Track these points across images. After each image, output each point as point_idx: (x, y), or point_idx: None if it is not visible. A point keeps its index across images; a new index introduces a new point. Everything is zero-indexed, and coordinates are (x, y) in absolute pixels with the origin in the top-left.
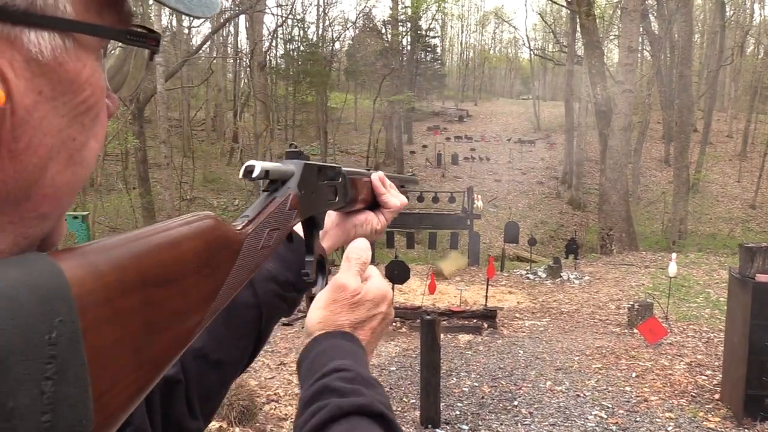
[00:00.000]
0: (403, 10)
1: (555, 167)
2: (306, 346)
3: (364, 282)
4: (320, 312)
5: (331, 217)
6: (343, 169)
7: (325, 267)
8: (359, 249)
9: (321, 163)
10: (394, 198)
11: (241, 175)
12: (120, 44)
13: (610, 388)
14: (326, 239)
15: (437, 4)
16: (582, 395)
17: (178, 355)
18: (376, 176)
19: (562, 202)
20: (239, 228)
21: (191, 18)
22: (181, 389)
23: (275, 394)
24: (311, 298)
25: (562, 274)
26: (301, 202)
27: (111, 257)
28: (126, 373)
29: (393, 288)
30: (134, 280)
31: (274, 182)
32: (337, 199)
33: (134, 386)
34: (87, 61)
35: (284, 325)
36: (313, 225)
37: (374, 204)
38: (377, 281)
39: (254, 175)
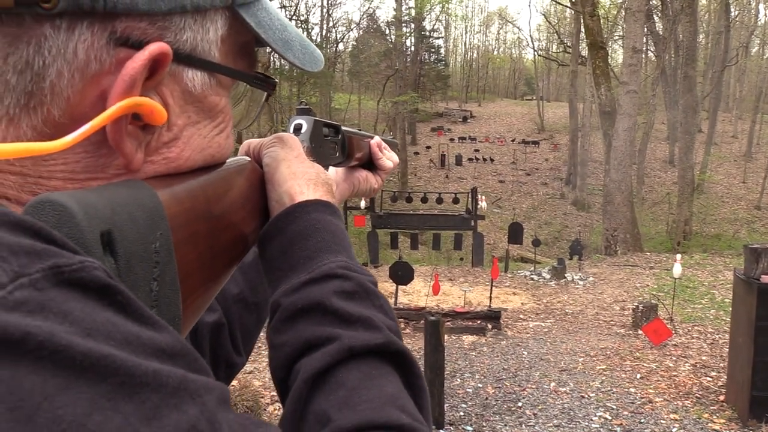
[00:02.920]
0: (407, 11)
1: (559, 168)
2: (279, 219)
3: None
4: (284, 162)
5: (339, 173)
6: (342, 128)
7: None
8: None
9: (325, 120)
10: (388, 161)
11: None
12: (247, 85)
13: (614, 390)
14: (336, 193)
15: (441, 5)
16: (586, 396)
17: (227, 278)
18: (375, 142)
19: (567, 202)
20: None
21: (304, 72)
22: (225, 331)
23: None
24: None
25: (566, 275)
26: (312, 153)
27: (187, 188)
28: (198, 286)
29: (397, 289)
30: (203, 209)
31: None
32: (337, 154)
33: (202, 299)
34: (223, 95)
35: None
36: None
37: (370, 165)
38: None
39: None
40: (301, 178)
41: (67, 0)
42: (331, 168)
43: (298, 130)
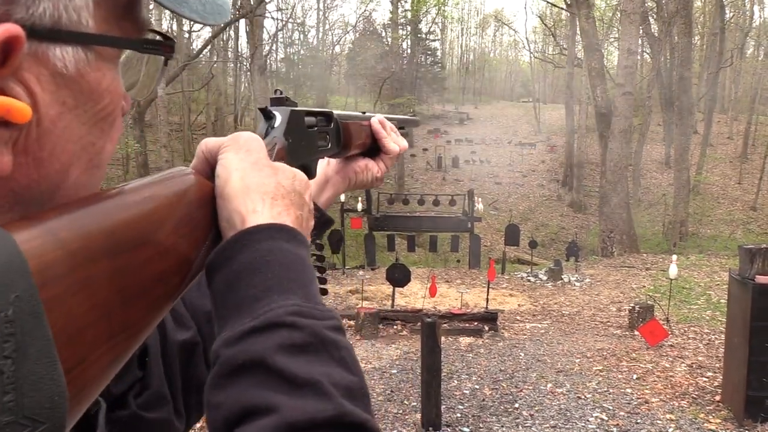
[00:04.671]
0: (403, 14)
1: (556, 170)
2: (226, 244)
3: None
4: (239, 171)
5: (331, 164)
6: (335, 113)
7: (320, 211)
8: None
9: (309, 108)
10: (394, 143)
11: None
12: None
13: (611, 390)
14: (328, 188)
15: (437, 8)
16: (583, 397)
17: (158, 318)
18: (376, 120)
19: (563, 204)
20: None
21: (206, 26)
22: (199, 350)
23: None
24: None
25: (563, 276)
26: (288, 152)
27: (74, 224)
28: (100, 342)
29: (394, 291)
30: (102, 245)
31: (267, 116)
32: (329, 145)
33: (110, 355)
34: (106, 70)
35: None
36: (306, 173)
37: (373, 150)
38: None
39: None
40: (256, 192)
41: None
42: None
43: (270, 123)
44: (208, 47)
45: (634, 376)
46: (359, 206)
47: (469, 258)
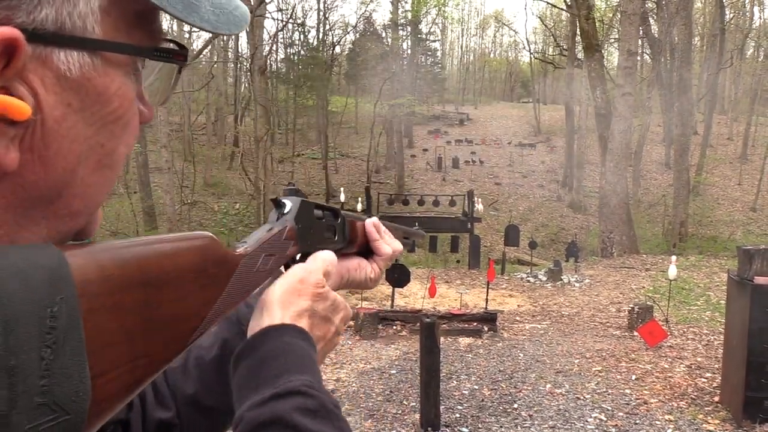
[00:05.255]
0: (404, 14)
1: (555, 170)
2: (254, 337)
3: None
4: (282, 288)
5: None
6: (342, 212)
7: None
8: (329, 254)
9: (318, 203)
10: (386, 245)
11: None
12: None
13: (609, 391)
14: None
15: (437, 8)
16: (582, 398)
17: (174, 355)
18: (370, 222)
19: (563, 205)
20: (238, 251)
21: (218, 35)
22: None
23: None
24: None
25: (562, 277)
26: (298, 235)
27: (114, 255)
28: (123, 361)
29: (393, 291)
30: (135, 278)
31: (278, 204)
32: (336, 238)
33: (131, 376)
34: (115, 75)
35: None
36: None
37: (367, 251)
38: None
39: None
40: (288, 298)
41: None
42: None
43: (281, 210)
44: (209, 48)
45: (633, 377)
46: (359, 207)
47: (468, 258)
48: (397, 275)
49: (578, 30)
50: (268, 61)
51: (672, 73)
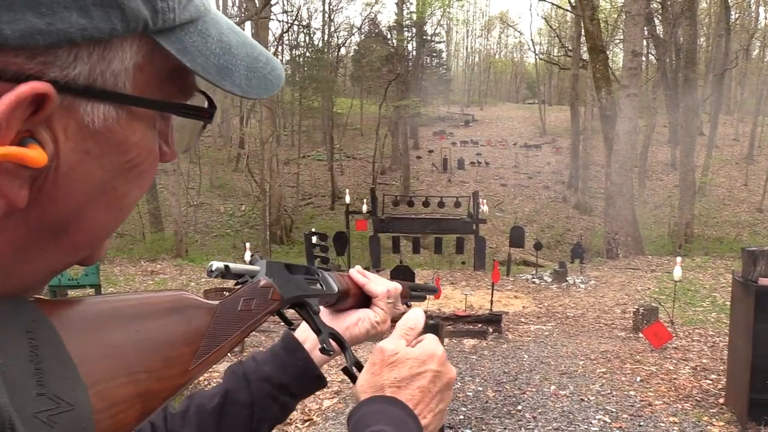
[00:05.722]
0: (408, 16)
1: (561, 171)
2: (354, 408)
3: (410, 346)
4: (363, 376)
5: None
6: (312, 267)
7: (343, 342)
8: (409, 318)
9: (287, 262)
10: (377, 285)
11: (206, 274)
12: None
13: (614, 393)
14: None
15: (442, 10)
16: (586, 399)
17: (180, 374)
18: (354, 270)
19: (569, 206)
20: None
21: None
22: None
23: None
24: (346, 372)
25: (567, 278)
26: (276, 284)
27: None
28: (116, 376)
29: None
30: (117, 316)
31: (241, 277)
32: (325, 288)
33: (131, 387)
34: (138, 127)
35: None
36: (306, 308)
37: (365, 299)
38: (426, 343)
39: (213, 269)
40: (391, 380)
41: None
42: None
43: (211, 271)
44: None
45: (638, 379)
46: (364, 208)
47: (474, 260)
48: (402, 277)
49: (583, 31)
50: None
51: (677, 73)
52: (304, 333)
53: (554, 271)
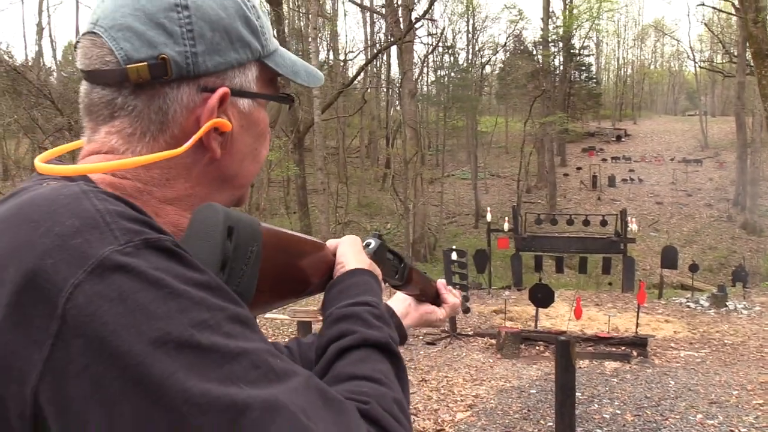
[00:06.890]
0: (555, 30)
1: (725, 188)
2: (341, 275)
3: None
4: (351, 250)
5: (411, 303)
6: (405, 260)
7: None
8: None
9: (392, 248)
10: (452, 296)
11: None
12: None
13: None
14: (408, 318)
15: (590, 22)
16: (737, 431)
17: (288, 300)
18: (441, 283)
19: (734, 225)
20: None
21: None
22: None
23: (414, 408)
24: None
25: (728, 303)
26: (374, 256)
27: (278, 233)
28: (266, 289)
29: (537, 312)
30: (284, 247)
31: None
32: (396, 277)
33: (267, 300)
34: (261, 110)
35: (428, 344)
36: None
37: (435, 300)
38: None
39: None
40: (357, 257)
41: (176, 72)
42: (405, 297)
43: (367, 246)
44: (362, 74)
45: None
46: (506, 226)
47: (622, 281)
48: (541, 295)
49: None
50: (418, 84)
51: None
52: None
53: (712, 295)
